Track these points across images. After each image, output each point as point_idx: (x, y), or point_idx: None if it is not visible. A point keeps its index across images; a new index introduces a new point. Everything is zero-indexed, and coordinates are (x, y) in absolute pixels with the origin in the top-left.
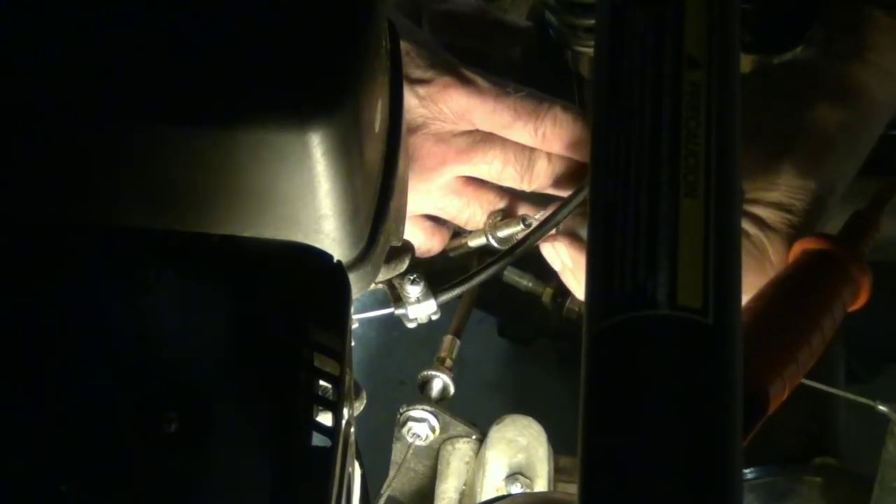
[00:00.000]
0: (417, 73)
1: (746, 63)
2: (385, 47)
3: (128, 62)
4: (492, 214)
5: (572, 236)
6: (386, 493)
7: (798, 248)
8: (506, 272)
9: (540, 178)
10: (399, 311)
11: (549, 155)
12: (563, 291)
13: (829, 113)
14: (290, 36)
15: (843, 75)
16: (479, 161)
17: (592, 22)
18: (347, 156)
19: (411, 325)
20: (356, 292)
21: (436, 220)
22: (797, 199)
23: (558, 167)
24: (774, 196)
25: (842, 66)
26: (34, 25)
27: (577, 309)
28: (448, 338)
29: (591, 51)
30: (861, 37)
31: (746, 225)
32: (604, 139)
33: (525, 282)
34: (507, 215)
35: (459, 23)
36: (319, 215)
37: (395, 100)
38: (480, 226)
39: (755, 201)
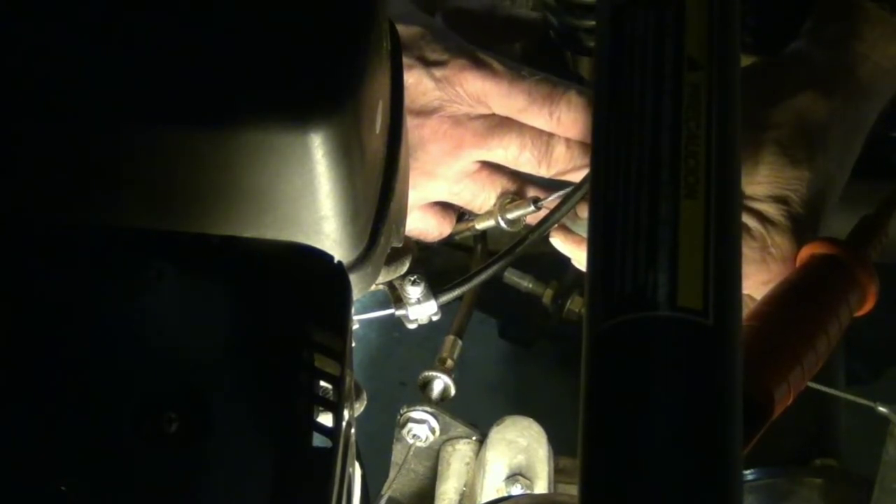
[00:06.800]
0: (433, 55)
1: (746, 64)
2: (385, 48)
3: (128, 62)
4: (502, 195)
5: (563, 229)
6: (386, 494)
7: (806, 252)
8: (506, 273)
9: (559, 164)
10: (399, 312)
11: (567, 140)
12: (563, 292)
13: (815, 100)
14: (291, 36)
15: (828, 63)
16: (496, 146)
17: (593, 23)
18: (348, 156)
19: (412, 326)
20: (357, 293)
21: (443, 205)
22: (792, 190)
23: (577, 153)
24: (768, 189)
25: (827, 54)
26: (35, 27)
27: (577, 310)
28: (449, 339)
29: (591, 52)
30: (848, 26)
31: (745, 218)
32: (604, 140)
33: (525, 283)
34: (517, 198)
35: (471, 19)
36: (320, 216)
37: (396, 100)
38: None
39: (751, 196)
